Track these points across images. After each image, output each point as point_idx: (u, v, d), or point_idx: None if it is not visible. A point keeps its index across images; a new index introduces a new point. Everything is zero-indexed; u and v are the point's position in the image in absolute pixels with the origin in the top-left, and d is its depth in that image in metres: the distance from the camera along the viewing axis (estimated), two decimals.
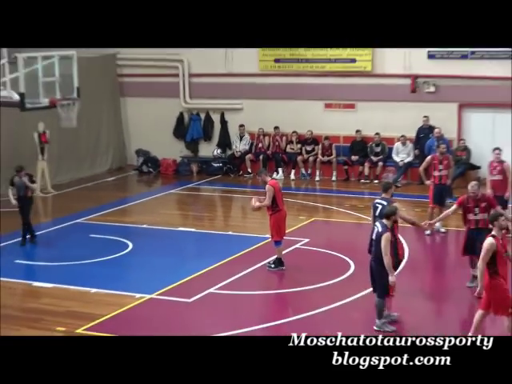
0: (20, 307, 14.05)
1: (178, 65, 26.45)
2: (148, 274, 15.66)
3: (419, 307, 13.63)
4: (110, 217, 20.32)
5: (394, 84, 24.25)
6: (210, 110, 26.68)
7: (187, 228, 19.25)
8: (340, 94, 24.88)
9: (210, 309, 13.72)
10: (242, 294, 14.46)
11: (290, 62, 25.32)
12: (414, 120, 23.69)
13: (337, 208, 21.01)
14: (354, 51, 24.47)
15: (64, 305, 14.02)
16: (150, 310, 13.68)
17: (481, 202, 13.87)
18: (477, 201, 13.88)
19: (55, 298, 14.44)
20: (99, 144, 26.81)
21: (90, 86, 23.58)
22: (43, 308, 13.90)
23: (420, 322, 12.84)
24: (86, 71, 20.83)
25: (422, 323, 12.70)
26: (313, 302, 13.82)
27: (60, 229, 19.34)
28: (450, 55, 23.60)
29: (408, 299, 13.62)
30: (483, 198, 14.00)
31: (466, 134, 23.72)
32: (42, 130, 22.87)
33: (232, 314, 13.53)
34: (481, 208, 13.82)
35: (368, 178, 24.26)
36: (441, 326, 12.66)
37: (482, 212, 13.78)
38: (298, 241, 17.41)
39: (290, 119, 25.37)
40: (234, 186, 24.24)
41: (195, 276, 15.36)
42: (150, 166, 26.71)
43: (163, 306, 13.90)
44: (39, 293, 14.74)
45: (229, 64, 25.97)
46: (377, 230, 12.17)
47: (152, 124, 27.07)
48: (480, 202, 13.87)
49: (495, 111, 23.55)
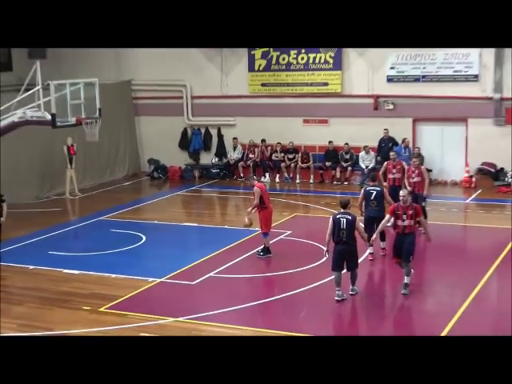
0: (53, 290, 13.93)
1: (182, 89, 26.36)
2: (159, 262, 15.57)
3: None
4: (126, 215, 20.21)
5: (360, 103, 24.20)
6: (208, 126, 26.58)
7: (191, 223, 19.16)
8: (315, 111, 24.82)
9: (210, 290, 13.65)
10: (237, 277, 14.40)
11: (274, 85, 25.24)
12: (376, 132, 23.65)
13: (314, 205, 20.94)
14: (326, 76, 24.42)
15: (89, 288, 13.93)
16: (160, 291, 13.59)
17: (409, 210, 12.95)
18: (405, 208, 12.99)
19: (82, 282, 14.34)
20: (118, 155, 26.67)
21: (109, 107, 23.52)
22: (72, 291, 13.79)
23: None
24: (106, 95, 20.76)
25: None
26: (296, 282, 13.77)
27: (85, 225, 19.21)
28: (405, 79, 23.57)
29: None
30: (411, 206, 13.04)
31: (419, 143, 23.72)
32: (70, 143, 22.73)
33: (228, 294, 13.46)
34: (408, 215, 12.92)
35: (339, 181, 24.23)
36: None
37: (409, 219, 12.91)
38: (283, 233, 17.35)
39: (274, 132, 25.29)
40: (229, 188, 24.16)
41: (197, 263, 15.29)
42: (160, 172, 26.58)
43: (171, 287, 13.82)
44: (69, 278, 14.62)
45: (224, 87, 25.89)
46: (346, 220, 12.62)
47: (161, 137, 26.95)
48: (408, 210, 12.96)
49: (443, 124, 23.56)
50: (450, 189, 23.19)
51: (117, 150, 26.66)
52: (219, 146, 26.48)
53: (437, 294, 13.43)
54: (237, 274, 14.56)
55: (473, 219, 19.35)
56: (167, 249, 16.63)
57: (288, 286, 13.60)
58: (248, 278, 14.46)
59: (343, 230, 12.64)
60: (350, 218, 12.73)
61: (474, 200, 21.33)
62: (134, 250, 16.53)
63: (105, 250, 16.46)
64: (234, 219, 19.87)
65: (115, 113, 25.67)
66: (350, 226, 12.63)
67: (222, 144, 26.48)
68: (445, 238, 16.98)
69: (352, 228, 12.67)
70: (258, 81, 25.46)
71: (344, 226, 12.63)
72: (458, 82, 22.94)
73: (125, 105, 26.90)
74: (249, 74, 25.48)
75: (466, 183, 23.01)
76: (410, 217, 12.91)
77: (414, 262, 13.29)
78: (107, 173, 26.10)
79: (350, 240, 12.69)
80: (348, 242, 12.66)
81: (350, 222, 12.64)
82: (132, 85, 27.12)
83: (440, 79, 23.18)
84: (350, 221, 12.66)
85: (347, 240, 12.65)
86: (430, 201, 20.14)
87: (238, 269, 14.86)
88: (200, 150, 26.85)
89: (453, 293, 13.48)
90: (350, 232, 12.66)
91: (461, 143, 23.36)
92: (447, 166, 23.71)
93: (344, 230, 12.63)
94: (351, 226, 12.65)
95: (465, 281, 13.75)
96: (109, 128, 24.37)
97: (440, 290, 13.64)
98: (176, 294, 13.45)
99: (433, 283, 13.97)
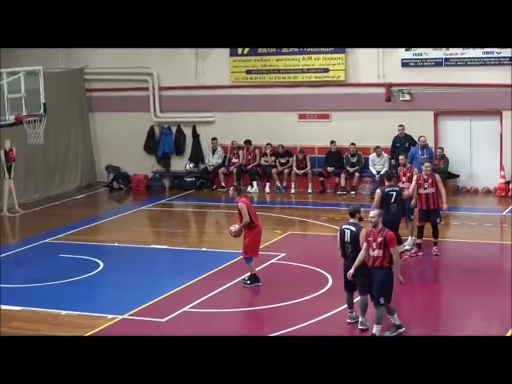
0: None
1: (148, 78, 26.36)
2: (120, 294, 15.52)
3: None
4: (79, 236, 20.13)
5: (368, 93, 24.29)
6: (181, 124, 26.61)
7: (160, 245, 19.12)
8: (313, 104, 24.88)
9: (184, 328, 13.58)
10: (218, 311, 14.34)
11: (261, 73, 25.30)
12: (389, 129, 23.72)
13: (313, 221, 20.96)
14: (326, 61, 24.50)
15: (34, 328, 13.78)
16: (122, 331, 13.50)
17: (378, 237, 12.37)
18: (376, 234, 12.42)
19: (24, 321, 14.21)
20: (68, 161, 26.62)
21: (57, 101, 23.48)
22: (12, 332, 13.60)
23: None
24: (52, 87, 20.74)
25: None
26: (291, 318, 13.73)
27: (28, 249, 19.10)
28: (423, 63, 23.69)
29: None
30: (382, 232, 12.40)
31: (442, 142, 23.79)
32: (8, 147, 22.67)
33: (207, 333, 13.38)
34: (377, 243, 12.34)
35: (344, 190, 24.26)
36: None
37: (378, 248, 12.32)
38: (274, 255, 17.32)
39: (263, 131, 25.34)
40: (208, 201, 24.15)
41: (169, 294, 15.23)
42: (121, 182, 26.57)
43: (136, 326, 13.73)
44: (7, 316, 14.44)
45: (200, 76, 25.93)
46: (350, 232, 12.77)
47: (122, 139, 26.92)
48: (378, 237, 12.38)
49: (471, 119, 23.66)
50: (482, 198, 23.28)
51: (67, 154, 26.60)
52: (194, 149, 26.49)
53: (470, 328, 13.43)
54: (217, 307, 14.49)
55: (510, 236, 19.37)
56: (130, 277, 16.57)
57: (281, 323, 13.53)
58: (231, 313, 14.43)
59: (348, 244, 12.89)
60: (355, 229, 12.82)
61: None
62: (89, 280, 16.45)
63: (53, 279, 16.34)
64: (215, 240, 19.83)
65: (64, 108, 25.63)
66: (354, 239, 12.79)
67: (197, 146, 26.49)
68: (477, 260, 16.99)
69: (357, 242, 12.79)
70: (241, 67, 25.50)
71: (348, 239, 12.88)
72: (490, 65, 23.07)
73: (76, 98, 26.87)
74: (230, 58, 25.52)
75: (501, 191, 23.10)
76: (379, 246, 12.33)
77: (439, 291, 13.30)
78: (55, 184, 26.02)
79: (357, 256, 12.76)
80: (354, 258, 12.75)
81: (354, 235, 12.80)
82: (85, 74, 27.11)
83: (467, 63, 23.29)
84: (355, 233, 12.81)
85: (353, 256, 12.77)
86: (457, 213, 20.17)
87: (218, 301, 14.79)
88: (171, 153, 26.87)
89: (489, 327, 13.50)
90: (355, 246, 12.77)
91: (494, 141, 23.46)
92: (478, 170, 23.81)
93: (349, 244, 12.85)
94: (356, 240, 12.78)
95: (503, 312, 13.74)
96: (57, 127, 24.31)
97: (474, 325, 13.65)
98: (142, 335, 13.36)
99: (465, 315, 13.98)
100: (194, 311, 14.34)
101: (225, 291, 15.33)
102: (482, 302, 14.50)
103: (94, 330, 13.51)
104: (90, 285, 16.27)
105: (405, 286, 13.12)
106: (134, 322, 13.90)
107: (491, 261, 17.73)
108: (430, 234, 17.21)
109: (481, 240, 18.57)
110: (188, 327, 13.65)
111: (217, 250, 18.20)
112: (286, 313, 14.10)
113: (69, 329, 13.62)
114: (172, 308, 14.39)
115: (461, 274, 15.94)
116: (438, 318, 13.55)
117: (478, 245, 18.24)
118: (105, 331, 13.49)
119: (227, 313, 14.35)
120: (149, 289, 15.62)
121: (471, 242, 18.47)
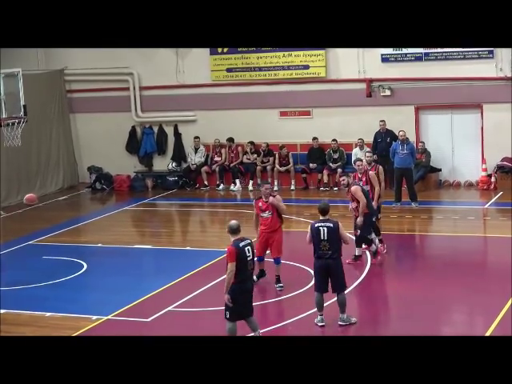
0: None
1: (128, 78, 26.30)
2: (104, 295, 15.48)
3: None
4: (62, 237, 20.08)
5: (349, 89, 24.32)
6: (162, 123, 26.57)
7: (144, 245, 19.09)
8: (295, 101, 24.90)
9: (169, 328, 13.53)
10: (203, 310, 14.31)
11: (242, 70, 25.28)
12: (370, 125, 23.76)
13: (296, 217, 20.92)
14: (306, 57, 24.52)
15: (18, 330, 13.69)
16: (107, 332, 13.44)
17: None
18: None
19: (8, 324, 14.09)
20: (49, 163, 26.52)
21: (37, 103, 23.40)
22: None
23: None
24: (32, 88, 20.65)
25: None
26: (276, 314, 13.72)
27: (11, 252, 19.00)
28: (404, 58, 23.73)
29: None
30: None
31: (424, 137, 23.85)
32: None
33: (193, 332, 13.34)
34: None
35: (327, 186, 24.30)
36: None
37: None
38: None
39: (245, 129, 25.33)
40: (191, 200, 24.14)
41: (153, 294, 15.21)
42: (104, 182, 26.49)
43: (121, 326, 13.68)
44: None
45: (180, 75, 25.89)
46: (327, 229, 12.65)
47: (103, 140, 26.87)
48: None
49: (452, 113, 23.73)
50: (464, 192, 23.36)
51: (48, 156, 26.49)
52: (177, 148, 26.46)
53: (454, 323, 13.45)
54: (202, 306, 14.47)
55: (494, 228, 19.44)
56: (114, 278, 16.53)
57: (268, 320, 13.55)
58: (216, 312, 14.38)
59: (325, 242, 12.69)
60: (332, 225, 12.74)
61: (494, 204, 21.48)
62: (72, 281, 16.41)
63: (36, 282, 16.30)
64: (199, 238, 19.82)
65: (45, 110, 25.58)
66: (333, 236, 12.65)
67: (180, 145, 26.47)
68: (460, 253, 17.06)
69: (336, 238, 12.67)
70: (222, 65, 25.48)
71: (325, 237, 12.67)
72: (469, 59, 23.14)
73: (57, 100, 26.77)
74: (211, 57, 25.49)
75: (483, 184, 23.17)
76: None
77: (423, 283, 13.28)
78: (36, 185, 25.90)
79: (335, 253, 12.70)
80: (332, 255, 12.68)
81: (332, 231, 12.65)
82: (65, 75, 27.02)
83: (447, 57, 23.35)
84: (333, 229, 12.67)
85: (331, 253, 12.67)
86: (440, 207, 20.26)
87: (203, 300, 14.76)
88: (153, 153, 26.83)
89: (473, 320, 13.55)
90: (334, 243, 12.67)
91: (475, 135, 23.55)
92: (460, 163, 23.88)
93: (326, 242, 12.67)
94: (335, 236, 12.65)
95: (487, 304, 13.79)
96: (37, 129, 24.24)
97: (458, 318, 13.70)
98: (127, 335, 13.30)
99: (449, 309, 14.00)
100: (179, 310, 14.32)
101: (209, 290, 15.28)
102: (466, 295, 14.52)
103: (79, 332, 13.46)
104: (74, 286, 16.21)
105: (389, 280, 13.17)
106: (118, 323, 13.87)
107: (475, 254, 17.77)
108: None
109: (464, 233, 18.63)
110: (172, 327, 13.61)
111: (201, 249, 18.17)
112: (270, 311, 14.09)
113: (53, 330, 13.58)
114: (156, 308, 14.36)
115: (445, 268, 15.97)
116: (423, 313, 13.53)
117: (461, 238, 18.29)
118: (89, 332, 13.45)
119: (212, 312, 14.30)
120: (133, 289, 15.60)
121: (454, 236, 18.53)
